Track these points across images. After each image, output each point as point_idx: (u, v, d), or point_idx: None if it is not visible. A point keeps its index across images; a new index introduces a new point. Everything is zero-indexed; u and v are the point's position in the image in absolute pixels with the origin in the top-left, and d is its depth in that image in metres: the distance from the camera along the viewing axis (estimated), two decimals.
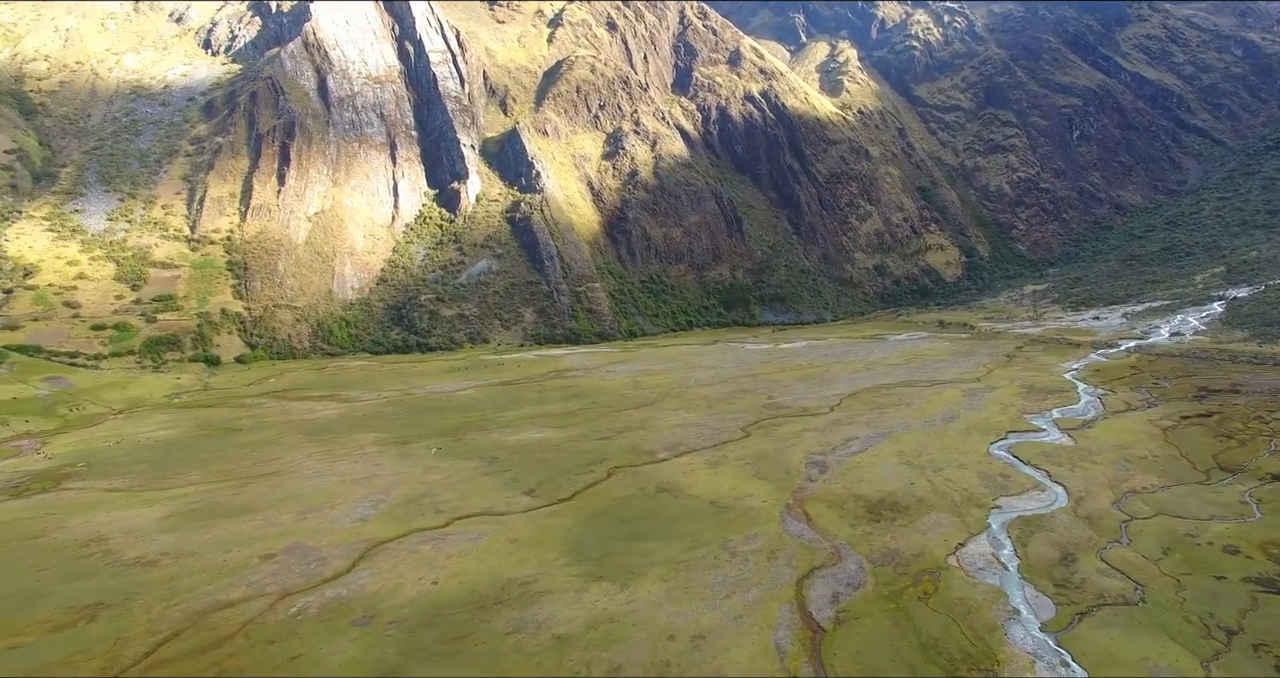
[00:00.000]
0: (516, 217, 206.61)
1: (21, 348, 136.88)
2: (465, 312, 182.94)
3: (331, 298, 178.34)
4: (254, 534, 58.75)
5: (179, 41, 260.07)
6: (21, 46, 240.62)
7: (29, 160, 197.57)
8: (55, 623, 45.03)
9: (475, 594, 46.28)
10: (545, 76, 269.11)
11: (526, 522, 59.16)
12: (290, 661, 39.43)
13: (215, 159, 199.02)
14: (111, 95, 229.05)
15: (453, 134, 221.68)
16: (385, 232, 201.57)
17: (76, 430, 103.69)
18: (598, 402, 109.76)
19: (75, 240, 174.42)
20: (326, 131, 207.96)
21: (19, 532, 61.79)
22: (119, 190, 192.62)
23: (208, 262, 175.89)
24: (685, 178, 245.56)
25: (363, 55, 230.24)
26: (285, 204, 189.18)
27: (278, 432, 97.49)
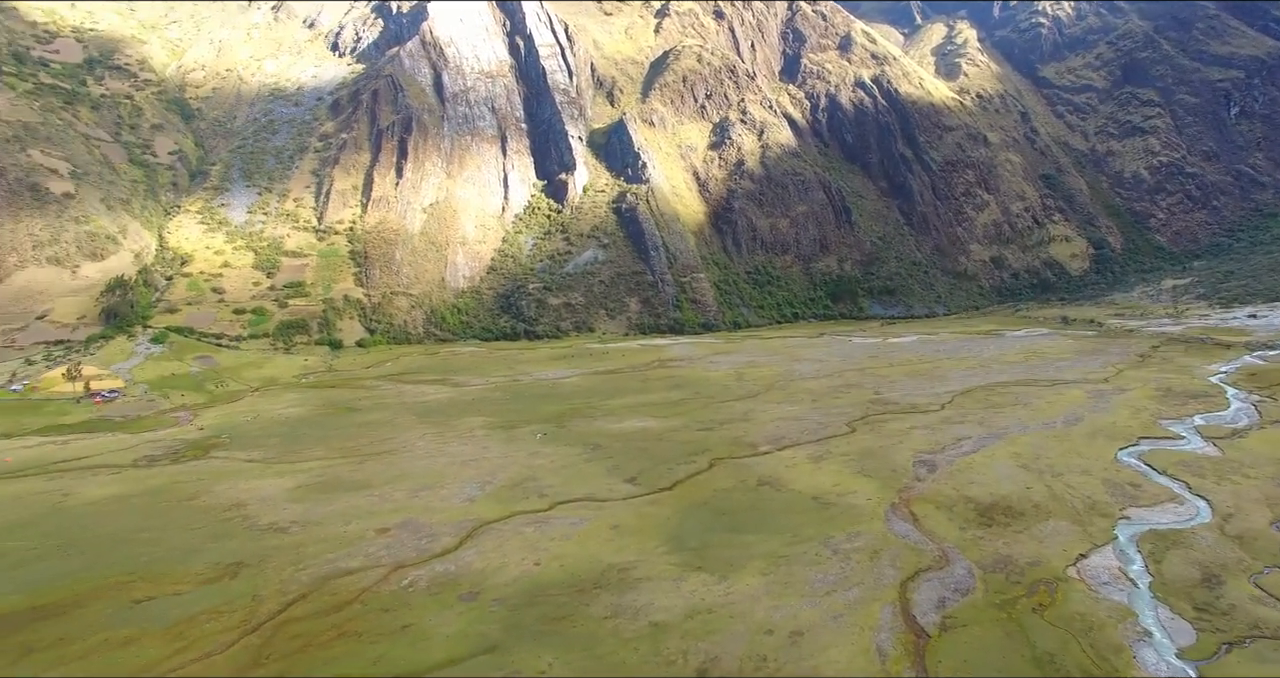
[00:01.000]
0: (622, 207, 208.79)
1: (178, 329, 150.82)
2: (571, 301, 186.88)
3: (444, 286, 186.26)
4: (371, 509, 62.52)
5: (310, 45, 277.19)
6: (185, 59, 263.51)
7: (187, 160, 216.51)
8: (206, 577, 49.77)
9: (575, 578, 47.54)
10: (652, 67, 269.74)
11: (627, 509, 60.10)
12: (402, 629, 41.91)
13: (340, 154, 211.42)
14: (254, 98, 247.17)
15: (561, 126, 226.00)
16: (495, 222, 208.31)
17: (221, 405, 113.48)
18: (700, 392, 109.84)
19: (221, 232, 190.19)
20: (441, 126, 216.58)
21: (177, 494, 68.58)
22: (257, 185, 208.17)
23: (332, 251, 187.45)
24: (792, 167, 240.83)
25: (475, 51, 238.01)
26: (402, 196, 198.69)
27: (393, 413, 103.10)
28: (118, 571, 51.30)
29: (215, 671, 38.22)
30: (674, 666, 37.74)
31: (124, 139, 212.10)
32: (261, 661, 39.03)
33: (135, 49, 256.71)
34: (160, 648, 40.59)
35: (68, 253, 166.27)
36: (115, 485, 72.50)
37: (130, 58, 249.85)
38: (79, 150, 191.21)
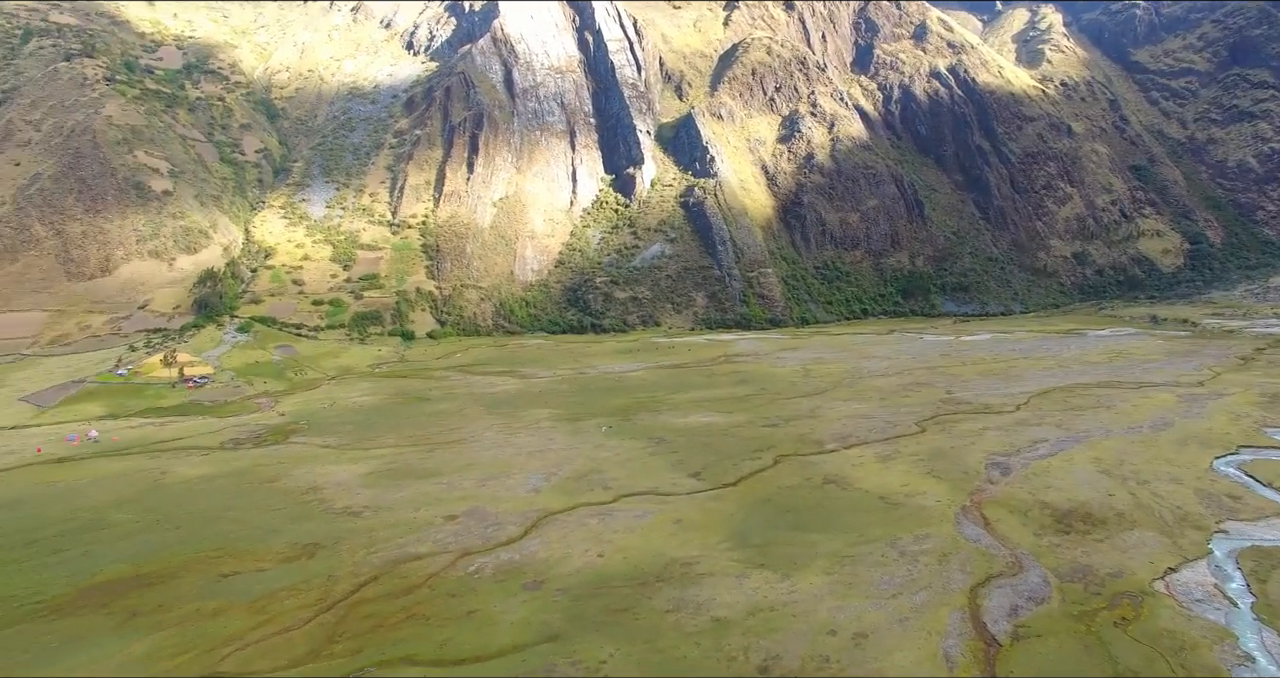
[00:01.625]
0: (690, 201, 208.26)
1: (261, 319, 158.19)
2: (638, 295, 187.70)
3: (513, 279, 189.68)
4: (439, 496, 64.34)
5: (387, 45, 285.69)
6: (271, 61, 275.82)
7: (272, 158, 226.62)
8: (285, 555, 52.24)
9: (638, 570, 47.86)
10: (720, 60, 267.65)
11: (691, 504, 60.14)
12: (468, 614, 43.03)
13: (413, 150, 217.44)
14: (333, 97, 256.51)
15: (629, 120, 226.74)
16: (564, 216, 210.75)
17: (300, 392, 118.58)
18: (766, 388, 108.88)
19: (302, 226, 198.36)
20: (511, 121, 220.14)
21: (260, 476, 72.13)
22: (336, 181, 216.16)
23: (406, 244, 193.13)
24: (863, 160, 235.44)
25: (545, 47, 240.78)
26: (473, 191, 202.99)
27: (462, 403, 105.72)
28: (208, 546, 54.36)
29: (294, 645, 40.06)
30: (735, 662, 37.64)
31: (216, 139, 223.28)
32: (336, 638, 40.68)
33: (228, 53, 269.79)
34: (245, 620, 42.82)
35: (165, 247, 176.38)
36: (205, 466, 76.74)
37: (223, 62, 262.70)
38: (177, 150, 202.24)
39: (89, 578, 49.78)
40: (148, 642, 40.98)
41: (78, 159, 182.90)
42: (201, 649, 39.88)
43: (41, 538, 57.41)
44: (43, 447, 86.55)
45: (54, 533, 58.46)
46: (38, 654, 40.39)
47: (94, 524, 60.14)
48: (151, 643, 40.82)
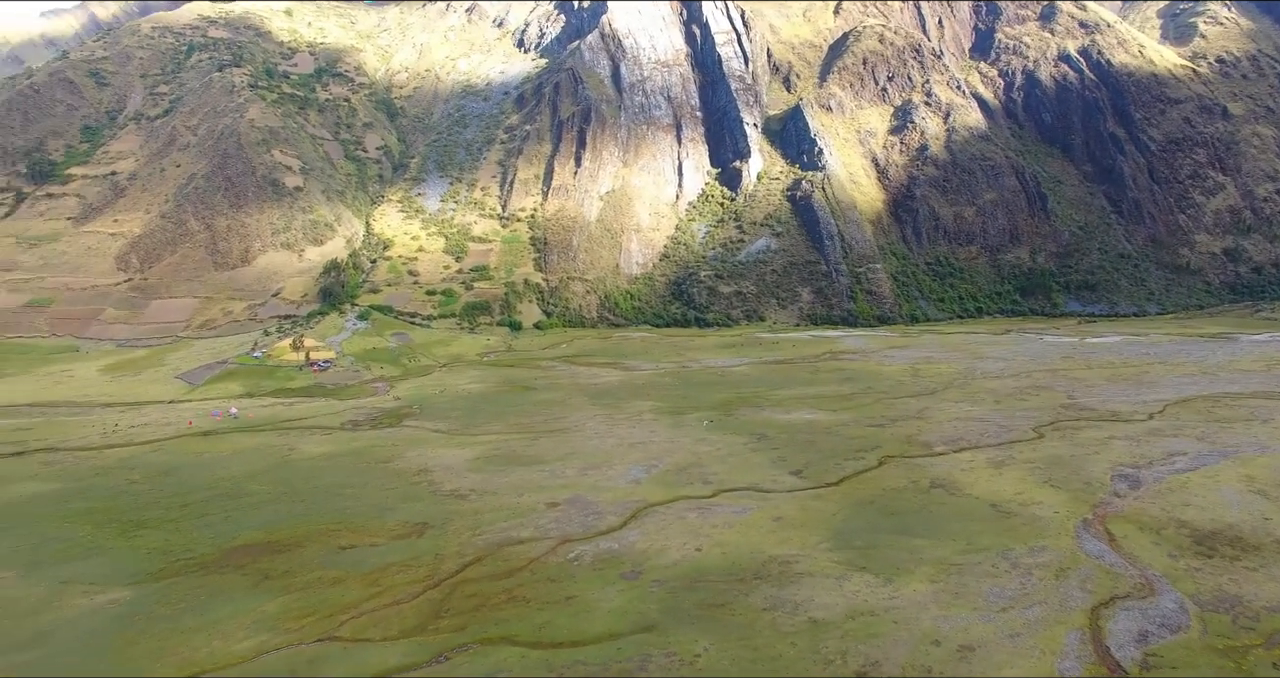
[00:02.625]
0: (797, 195, 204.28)
1: (379, 308, 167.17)
2: (742, 289, 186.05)
3: (618, 272, 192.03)
4: (542, 483, 66.08)
5: (499, 43, 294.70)
6: (391, 62, 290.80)
7: (391, 154, 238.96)
8: (397, 533, 55.15)
9: (736, 566, 47.54)
10: (830, 50, 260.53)
11: (791, 502, 59.21)
12: (566, 600, 43.99)
13: (523, 145, 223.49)
14: (448, 95, 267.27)
15: (735, 113, 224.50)
16: (669, 210, 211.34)
17: (413, 378, 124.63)
18: (873, 387, 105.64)
19: (417, 219, 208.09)
20: (618, 116, 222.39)
21: (376, 456, 76.43)
22: (449, 175, 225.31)
23: (515, 237, 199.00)
24: (981, 151, 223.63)
25: (652, 41, 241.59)
26: (580, 184, 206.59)
27: (566, 393, 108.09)
28: (328, 519, 58.13)
29: (404, 616, 42.26)
30: (832, 665, 36.80)
31: (341, 137, 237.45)
32: (441, 614, 42.58)
33: (353, 57, 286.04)
34: (361, 591, 45.53)
35: (296, 239, 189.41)
36: (327, 445, 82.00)
37: (349, 65, 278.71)
38: (307, 149, 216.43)
39: (229, 541, 54.39)
40: (277, 603, 44.33)
41: (225, 159, 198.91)
42: (322, 614, 42.72)
43: (192, 502, 63.19)
44: (193, 420, 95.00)
45: (201, 498, 64.17)
46: (191, 604, 44.66)
47: (233, 493, 65.58)
48: (281, 604, 44.14)
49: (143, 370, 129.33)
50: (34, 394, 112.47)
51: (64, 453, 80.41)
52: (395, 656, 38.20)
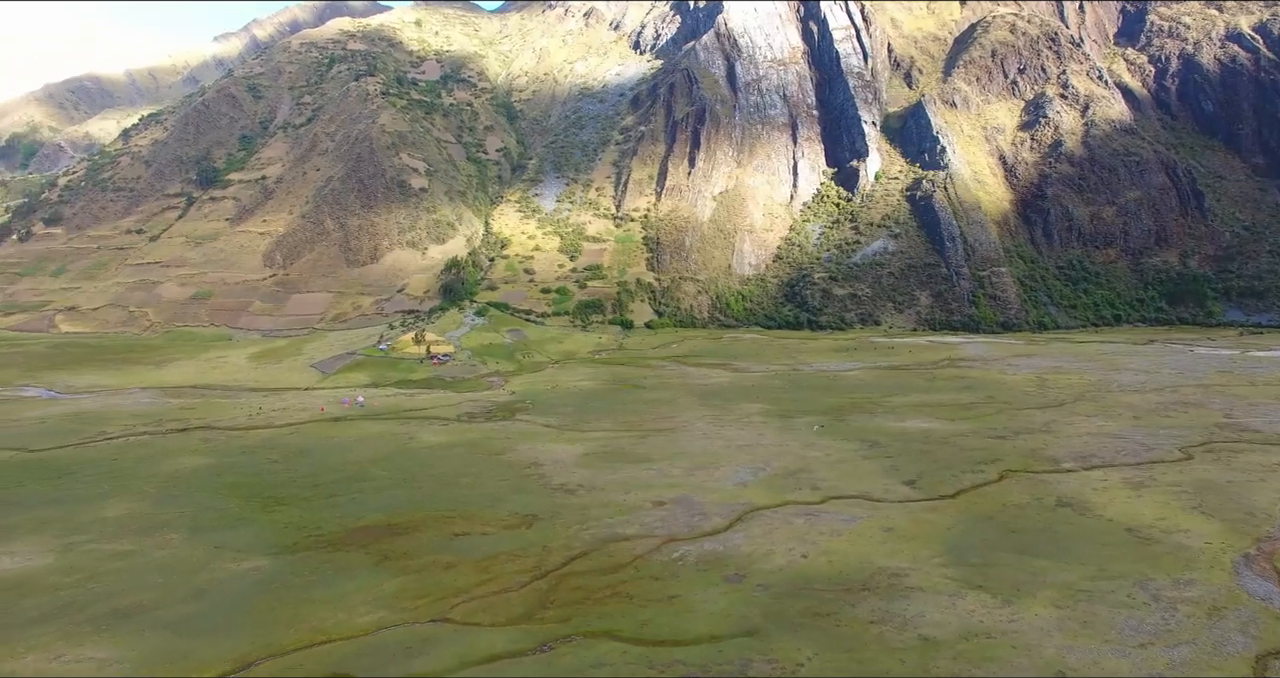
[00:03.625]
0: (916, 195, 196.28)
1: (496, 305, 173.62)
2: (857, 292, 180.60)
3: (730, 273, 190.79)
4: (649, 481, 66.62)
5: (615, 46, 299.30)
6: (512, 67, 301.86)
7: (510, 156, 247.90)
8: (508, 523, 57.14)
9: (843, 576, 46.25)
10: (956, 43, 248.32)
11: (903, 512, 57.00)
12: (669, 599, 44.15)
13: (638, 146, 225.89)
14: (565, 97, 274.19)
15: (853, 111, 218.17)
16: (783, 210, 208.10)
17: (526, 374, 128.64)
18: (994, 397, 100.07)
19: (534, 219, 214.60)
20: (733, 115, 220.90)
21: (489, 448, 79.50)
22: (565, 176, 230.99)
23: (628, 237, 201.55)
24: (1125, 146, 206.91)
25: (768, 40, 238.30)
26: (694, 185, 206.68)
27: (675, 392, 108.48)
28: (443, 507, 60.97)
29: (512, 604, 43.74)
30: None
31: (464, 140, 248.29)
32: (547, 604, 43.75)
33: (476, 63, 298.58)
34: (471, 577, 47.48)
35: (420, 237, 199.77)
36: (444, 435, 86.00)
37: (472, 71, 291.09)
38: (432, 152, 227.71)
39: (354, 521, 58.10)
40: (395, 583, 46.95)
41: (358, 163, 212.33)
42: (435, 597, 44.86)
43: (322, 483, 67.97)
44: (325, 407, 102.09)
45: (330, 480, 68.89)
46: (319, 578, 48.04)
47: (358, 476, 69.99)
48: (398, 584, 46.72)
49: (283, 359, 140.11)
50: (195, 377, 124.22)
51: (218, 432, 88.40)
52: (502, 641, 39.59)
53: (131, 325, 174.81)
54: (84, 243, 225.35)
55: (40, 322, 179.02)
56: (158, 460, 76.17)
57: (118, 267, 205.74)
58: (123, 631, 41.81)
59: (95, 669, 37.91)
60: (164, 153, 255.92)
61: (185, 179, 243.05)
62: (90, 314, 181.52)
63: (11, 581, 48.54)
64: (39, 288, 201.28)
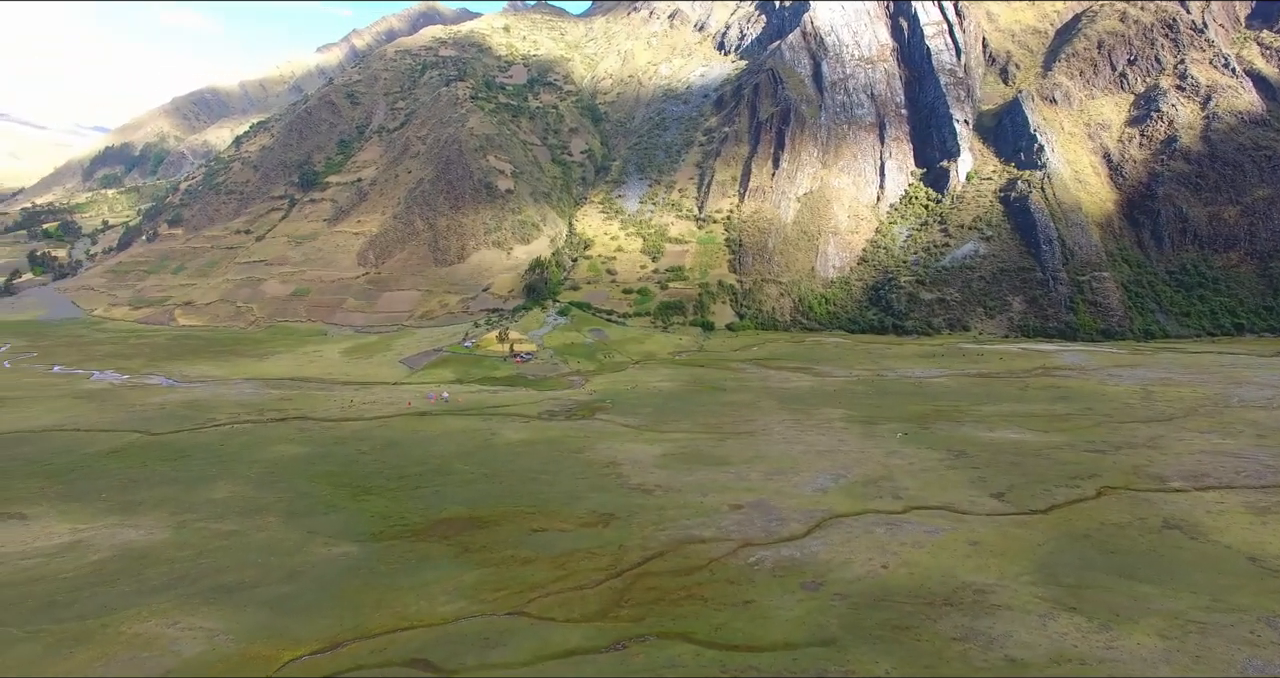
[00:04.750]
0: (1011, 196, 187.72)
1: (578, 304, 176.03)
2: (945, 296, 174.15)
3: (813, 275, 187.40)
4: (726, 484, 66.19)
5: (699, 47, 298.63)
6: (597, 70, 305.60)
7: (594, 157, 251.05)
8: (585, 521, 57.90)
9: (924, 588, 44.74)
10: (1058, 35, 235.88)
11: (990, 526, 54.66)
12: (744, 603, 43.78)
13: (721, 147, 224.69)
14: (649, 99, 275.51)
15: (944, 109, 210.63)
16: (869, 212, 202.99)
17: (607, 374, 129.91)
18: (1093, 409, 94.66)
19: (617, 220, 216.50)
20: (818, 115, 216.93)
21: (569, 446, 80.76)
22: (648, 177, 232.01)
23: (710, 238, 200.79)
24: (1253, 139, 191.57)
25: (856, 37, 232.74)
26: (777, 186, 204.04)
27: (755, 395, 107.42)
28: (523, 502, 62.29)
29: (587, 601, 44.28)
30: None
31: (549, 142, 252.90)
32: (621, 603, 44.08)
33: (562, 66, 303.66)
34: (548, 573, 48.32)
35: (505, 238, 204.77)
36: (525, 432, 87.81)
37: (558, 75, 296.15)
38: (518, 154, 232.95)
39: (437, 513, 60.10)
40: (475, 575, 48.29)
41: (447, 165, 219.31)
42: (513, 590, 45.90)
43: (408, 475, 70.63)
44: (412, 401, 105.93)
45: (416, 472, 71.48)
46: (403, 565, 50.07)
47: (442, 470, 72.33)
48: (478, 576, 48.04)
49: (373, 354, 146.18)
50: (293, 370, 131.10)
51: (312, 422, 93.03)
52: (577, 637, 40.15)
53: (238, 320, 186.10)
54: (200, 242, 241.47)
55: (162, 315, 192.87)
56: (259, 447, 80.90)
57: (228, 264, 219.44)
58: (228, 604, 44.78)
59: (205, 638, 40.82)
60: (270, 158, 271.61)
61: (288, 182, 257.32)
62: (203, 309, 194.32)
63: (138, 551, 53.14)
64: (162, 284, 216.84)
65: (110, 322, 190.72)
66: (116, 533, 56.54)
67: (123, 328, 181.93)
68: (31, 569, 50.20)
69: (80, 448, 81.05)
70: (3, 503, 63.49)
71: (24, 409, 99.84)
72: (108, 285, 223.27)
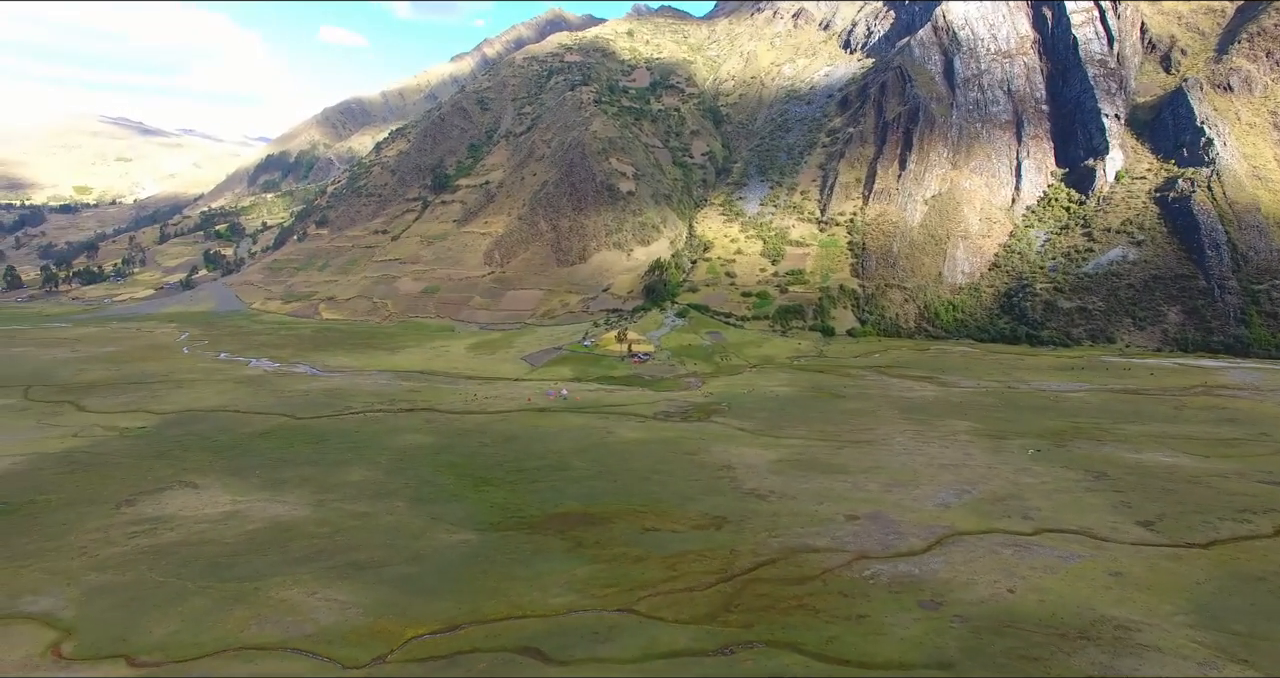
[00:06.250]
0: (1169, 196, 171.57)
1: (696, 306, 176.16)
2: (1087, 305, 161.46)
3: (940, 281, 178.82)
4: (843, 494, 64.29)
5: (824, 46, 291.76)
6: (719, 71, 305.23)
7: (715, 159, 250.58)
8: (697, 523, 57.87)
9: (1056, 618, 41.63)
10: (1239, 13, 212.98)
11: (1135, 557, 50.15)
12: (858, 617, 42.29)
13: (845, 148, 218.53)
14: (772, 100, 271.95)
15: (1091, 103, 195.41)
16: (1002, 215, 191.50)
17: (723, 376, 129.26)
18: (1268, 434, 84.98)
19: (737, 222, 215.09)
20: (949, 114, 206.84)
21: (683, 448, 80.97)
22: (770, 179, 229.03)
23: (832, 241, 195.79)
24: None
25: (992, 31, 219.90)
26: (904, 188, 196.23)
27: (875, 404, 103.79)
28: (636, 501, 62.98)
29: (696, 603, 44.22)
30: None
31: (670, 144, 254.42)
32: (731, 607, 43.71)
33: (684, 69, 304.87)
34: (659, 572, 48.60)
35: (625, 239, 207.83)
36: (640, 432, 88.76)
37: (680, 77, 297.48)
38: (640, 156, 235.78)
39: (553, 507, 61.81)
40: (587, 569, 49.28)
41: (571, 168, 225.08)
42: (624, 587, 46.48)
43: (526, 469, 73.07)
44: (531, 397, 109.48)
45: (533, 466, 73.83)
46: (519, 556, 51.84)
47: (559, 465, 74.30)
48: (590, 571, 48.99)
49: (496, 351, 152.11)
50: (422, 363, 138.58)
51: (439, 414, 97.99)
52: (684, 639, 40.16)
53: (374, 315, 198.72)
54: (342, 241, 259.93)
55: (308, 309, 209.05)
56: (389, 436, 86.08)
57: (366, 263, 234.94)
58: (359, 580, 48.03)
59: (339, 609, 44.06)
60: (406, 162, 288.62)
61: (422, 185, 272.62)
62: (344, 304, 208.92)
63: (284, 525, 58.12)
64: (309, 280, 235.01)
65: (266, 314, 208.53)
66: (267, 507, 61.92)
67: (275, 320, 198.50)
68: (202, 533, 56.23)
69: (239, 428, 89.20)
70: (181, 472, 71.50)
71: (198, 391, 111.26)
72: (264, 281, 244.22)
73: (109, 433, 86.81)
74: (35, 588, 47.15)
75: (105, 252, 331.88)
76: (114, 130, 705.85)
